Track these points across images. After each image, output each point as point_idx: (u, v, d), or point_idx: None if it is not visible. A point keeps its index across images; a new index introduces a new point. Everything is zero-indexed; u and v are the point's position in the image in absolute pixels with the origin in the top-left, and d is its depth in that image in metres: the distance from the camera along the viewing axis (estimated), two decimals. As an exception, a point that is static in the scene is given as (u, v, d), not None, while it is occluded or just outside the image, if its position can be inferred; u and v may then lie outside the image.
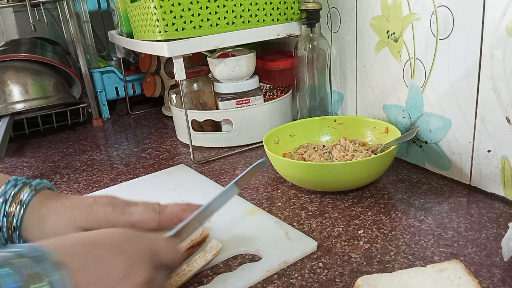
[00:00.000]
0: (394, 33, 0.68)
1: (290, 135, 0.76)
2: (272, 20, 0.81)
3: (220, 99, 0.86)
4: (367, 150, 0.68)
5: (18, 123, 1.02)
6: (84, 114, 1.09)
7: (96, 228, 0.42)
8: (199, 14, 0.73)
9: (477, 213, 0.56)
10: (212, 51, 0.88)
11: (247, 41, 0.79)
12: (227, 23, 0.76)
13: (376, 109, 0.76)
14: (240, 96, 0.86)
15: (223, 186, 0.69)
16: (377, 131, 0.73)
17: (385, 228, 0.54)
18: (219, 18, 0.75)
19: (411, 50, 0.66)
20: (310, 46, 0.79)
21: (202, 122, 0.88)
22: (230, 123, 0.85)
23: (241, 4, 0.76)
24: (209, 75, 0.91)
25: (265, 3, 0.78)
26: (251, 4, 0.77)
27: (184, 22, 0.73)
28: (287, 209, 0.61)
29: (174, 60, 0.74)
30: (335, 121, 0.77)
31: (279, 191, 0.67)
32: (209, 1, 0.73)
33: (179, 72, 0.75)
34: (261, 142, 0.76)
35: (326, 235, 0.54)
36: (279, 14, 0.81)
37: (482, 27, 0.55)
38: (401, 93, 0.70)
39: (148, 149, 0.91)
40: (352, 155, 0.66)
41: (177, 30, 0.73)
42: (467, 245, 0.50)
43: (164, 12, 0.71)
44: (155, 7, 0.71)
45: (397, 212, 0.58)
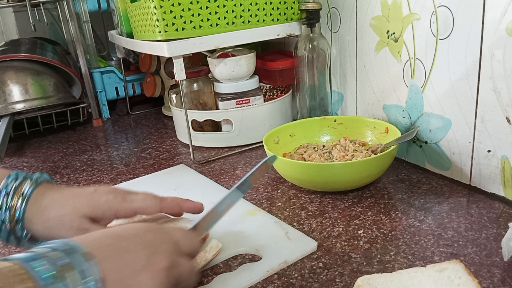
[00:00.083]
0: (394, 33, 0.68)
1: (290, 135, 0.76)
2: (272, 20, 0.81)
3: (220, 99, 0.86)
4: (367, 150, 0.68)
5: (18, 123, 1.02)
6: (84, 114, 1.09)
7: (99, 216, 0.46)
8: (199, 14, 0.73)
9: (477, 213, 0.56)
10: (212, 51, 0.88)
11: (247, 41, 0.79)
12: (227, 23, 0.76)
13: (376, 109, 0.76)
14: (240, 96, 0.86)
15: (223, 186, 0.69)
16: (377, 131, 0.73)
17: (385, 228, 0.54)
18: (219, 18, 0.75)
19: (411, 50, 0.66)
20: (310, 46, 0.79)
21: (202, 122, 0.88)
22: (230, 123, 0.85)
23: (241, 4, 0.76)
24: (209, 75, 0.91)
25: (265, 3, 0.78)
26: (251, 4, 0.77)
27: (184, 22, 0.73)
28: (287, 209, 0.61)
29: (174, 60, 0.74)
30: (335, 121, 0.77)
31: (279, 191, 0.67)
32: (209, 1, 0.73)
33: (179, 72, 0.75)
34: (261, 142, 0.76)
35: (326, 235, 0.54)
36: (279, 14, 0.81)
37: (482, 27, 0.55)
38: (401, 93, 0.70)
39: (148, 149, 0.91)
40: (352, 155, 0.66)
41: (177, 30, 0.73)
42: (467, 245, 0.50)
43: (164, 12, 0.71)
44: (155, 7, 0.71)
45: (397, 212, 0.58)
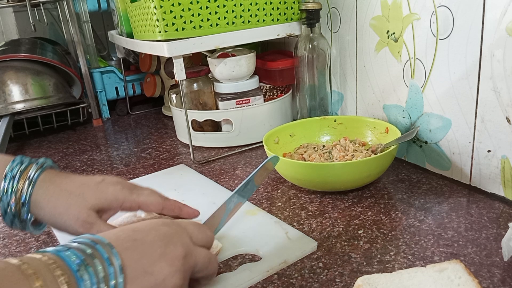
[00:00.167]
0: (394, 33, 0.68)
1: (290, 135, 0.76)
2: (272, 20, 0.81)
3: (220, 99, 0.86)
4: (367, 150, 0.68)
5: (18, 123, 1.02)
6: (84, 114, 1.10)
7: (106, 207, 0.47)
8: (199, 14, 0.73)
9: (477, 213, 0.56)
10: (212, 51, 0.88)
11: (247, 41, 0.79)
12: (227, 23, 0.76)
13: (376, 109, 0.76)
14: (240, 96, 0.86)
15: (223, 186, 0.69)
16: (377, 131, 0.73)
17: (385, 228, 0.54)
18: (219, 18, 0.75)
19: (411, 50, 0.66)
20: (310, 46, 0.79)
21: (202, 122, 0.88)
22: (230, 123, 0.85)
23: (241, 4, 0.76)
24: (209, 75, 0.91)
25: (265, 3, 0.78)
26: (251, 4, 0.77)
27: (184, 22, 0.73)
28: (287, 209, 0.61)
29: (174, 60, 0.74)
30: (335, 121, 0.77)
31: (279, 191, 0.67)
32: (209, 1, 0.73)
33: (179, 72, 0.75)
34: (261, 142, 0.76)
35: (326, 235, 0.54)
36: (279, 14, 0.81)
37: (482, 27, 0.55)
38: (401, 93, 0.70)
39: (148, 149, 0.91)
40: (352, 155, 0.66)
41: (177, 30, 0.73)
42: (467, 245, 0.50)
43: (164, 12, 0.71)
44: (155, 7, 0.71)
45: (397, 212, 0.58)
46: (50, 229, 0.61)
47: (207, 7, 0.74)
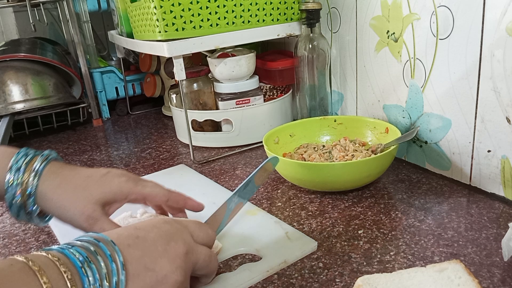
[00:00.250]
0: (394, 33, 0.68)
1: (290, 135, 0.76)
2: (272, 20, 0.81)
3: (220, 99, 0.86)
4: (367, 150, 0.68)
5: (18, 123, 1.02)
6: (84, 114, 1.10)
7: (111, 199, 0.48)
8: (199, 14, 0.73)
9: (477, 213, 0.56)
10: (212, 51, 0.88)
11: (247, 41, 0.79)
12: (227, 23, 0.76)
13: (376, 109, 0.76)
14: (240, 96, 0.86)
15: (223, 186, 0.69)
16: (377, 131, 0.73)
17: (385, 228, 0.54)
18: (219, 18, 0.75)
19: (411, 50, 0.66)
20: (310, 46, 0.79)
21: (202, 122, 0.88)
22: (230, 123, 0.85)
23: (241, 4, 0.76)
24: (209, 75, 0.91)
25: (265, 3, 0.78)
26: (251, 4, 0.77)
27: (184, 22, 0.73)
28: (287, 209, 0.61)
29: (174, 60, 0.74)
30: (335, 121, 0.77)
31: (279, 191, 0.67)
32: (209, 1, 0.73)
33: (179, 72, 0.75)
34: (261, 142, 0.76)
35: (326, 235, 0.54)
36: (279, 14, 0.81)
37: (482, 27, 0.55)
38: (401, 93, 0.70)
39: (148, 149, 0.91)
40: (352, 155, 0.66)
41: (177, 30, 0.73)
42: (467, 245, 0.50)
43: (164, 12, 0.71)
44: (155, 7, 0.71)
45: (397, 212, 0.58)
46: (50, 229, 0.61)
47: (207, 7, 0.74)
